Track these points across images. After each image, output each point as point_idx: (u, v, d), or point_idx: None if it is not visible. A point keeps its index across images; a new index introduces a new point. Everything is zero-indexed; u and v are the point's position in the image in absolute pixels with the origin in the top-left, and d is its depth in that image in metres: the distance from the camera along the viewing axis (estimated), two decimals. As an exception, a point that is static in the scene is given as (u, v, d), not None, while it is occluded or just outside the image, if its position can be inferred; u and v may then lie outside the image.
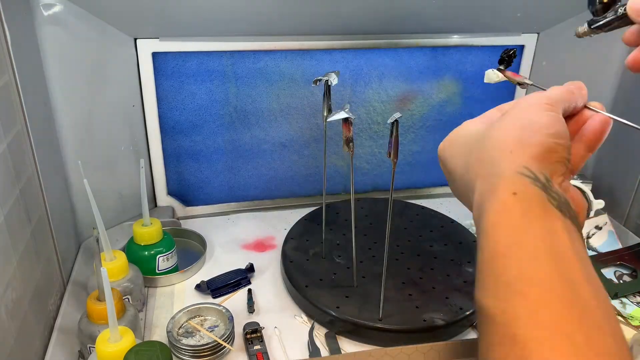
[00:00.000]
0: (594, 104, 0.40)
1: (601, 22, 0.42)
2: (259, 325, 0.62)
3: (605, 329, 0.28)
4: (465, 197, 0.40)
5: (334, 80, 0.62)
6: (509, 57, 0.48)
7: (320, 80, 0.63)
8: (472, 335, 0.64)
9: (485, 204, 0.34)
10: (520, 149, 0.35)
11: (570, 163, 0.36)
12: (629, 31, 0.39)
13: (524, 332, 0.28)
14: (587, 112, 0.40)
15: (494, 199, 0.34)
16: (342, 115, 0.58)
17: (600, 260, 0.77)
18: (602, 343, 0.28)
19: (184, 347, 0.57)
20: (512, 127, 0.36)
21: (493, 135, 0.37)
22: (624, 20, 0.38)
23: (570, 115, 0.40)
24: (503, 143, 0.36)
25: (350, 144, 0.60)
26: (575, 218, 0.33)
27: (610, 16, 0.41)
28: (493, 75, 0.48)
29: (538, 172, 0.34)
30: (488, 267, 0.33)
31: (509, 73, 0.48)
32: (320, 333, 0.63)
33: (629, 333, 0.63)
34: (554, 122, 0.36)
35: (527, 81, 0.47)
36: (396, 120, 0.53)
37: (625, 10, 0.38)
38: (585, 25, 0.44)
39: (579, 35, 0.45)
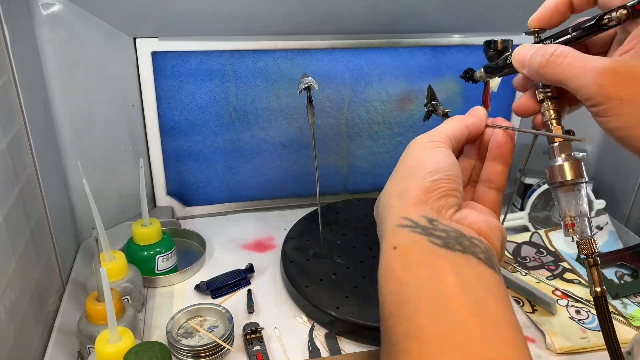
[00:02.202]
0: (494, 120, 0.42)
1: (493, 68, 0.45)
2: (258, 325, 0.62)
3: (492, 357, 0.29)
4: None
5: (315, 85, 0.63)
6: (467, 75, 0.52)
7: (306, 88, 0.63)
8: (472, 335, 0.64)
9: (378, 265, 0.35)
10: (398, 201, 0.36)
11: (463, 194, 0.38)
12: (516, 77, 0.42)
13: None
14: (489, 131, 0.42)
15: (380, 259, 0.35)
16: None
17: (601, 260, 0.77)
18: None
19: (183, 348, 0.57)
20: (395, 180, 0.38)
21: (382, 194, 0.39)
22: (513, 68, 0.40)
23: (475, 139, 0.43)
24: (387, 199, 0.37)
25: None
26: (472, 246, 0.34)
27: (501, 63, 0.43)
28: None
29: (418, 217, 0.34)
30: (383, 327, 0.33)
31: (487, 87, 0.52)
32: (320, 333, 0.63)
33: (629, 333, 0.63)
34: (434, 159, 0.37)
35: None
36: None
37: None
38: (482, 69, 0.47)
39: (475, 79, 0.49)
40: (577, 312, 0.67)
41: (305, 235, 0.77)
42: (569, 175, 0.38)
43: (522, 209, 0.86)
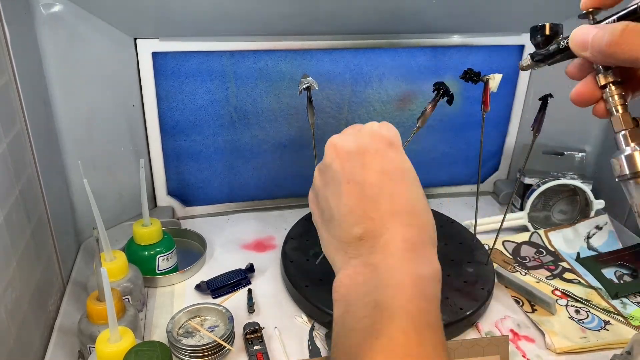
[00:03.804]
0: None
1: (544, 55, 0.42)
2: (259, 325, 0.62)
3: None
4: None
5: (315, 85, 0.63)
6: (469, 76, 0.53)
7: (306, 88, 0.63)
8: (472, 335, 0.64)
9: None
10: None
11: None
12: (572, 64, 0.39)
13: None
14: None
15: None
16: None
17: (601, 260, 0.77)
18: None
19: (184, 347, 0.57)
20: None
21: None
22: (567, 53, 0.38)
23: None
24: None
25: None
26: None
27: (552, 49, 0.40)
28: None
29: None
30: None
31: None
32: (320, 333, 0.63)
33: (629, 333, 0.63)
34: None
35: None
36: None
37: (567, 43, 0.37)
38: (529, 57, 0.44)
39: (522, 68, 0.46)
40: (577, 311, 0.68)
41: (305, 235, 0.77)
42: None
43: (521, 209, 0.86)
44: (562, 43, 0.39)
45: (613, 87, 0.36)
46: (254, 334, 0.61)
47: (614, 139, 0.36)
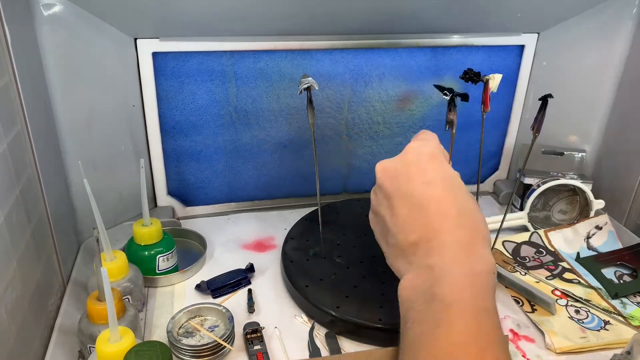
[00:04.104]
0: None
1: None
2: (259, 325, 0.62)
3: None
4: None
5: (315, 85, 0.63)
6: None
7: (306, 89, 0.63)
8: (472, 335, 0.64)
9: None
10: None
11: None
12: None
13: None
14: None
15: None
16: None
17: (601, 260, 0.77)
18: None
19: (184, 347, 0.57)
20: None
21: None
22: None
23: None
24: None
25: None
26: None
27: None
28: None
29: None
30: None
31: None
32: (320, 333, 0.63)
33: (629, 333, 0.64)
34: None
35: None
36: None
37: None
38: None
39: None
40: (577, 311, 0.68)
41: (305, 235, 0.77)
42: None
43: (521, 208, 0.86)
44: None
45: None
46: (254, 334, 0.61)
47: None
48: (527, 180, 0.88)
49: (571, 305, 0.69)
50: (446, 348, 0.35)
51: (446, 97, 0.60)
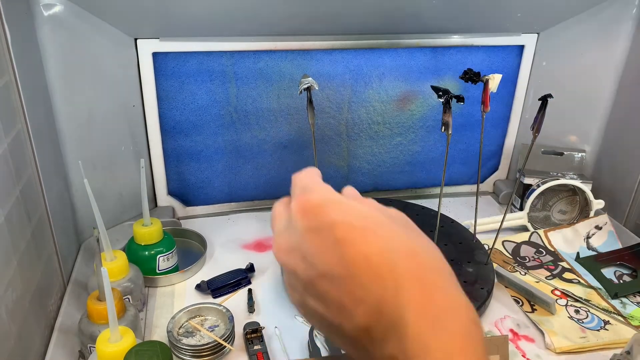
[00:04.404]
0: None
1: None
2: (259, 325, 0.62)
3: None
4: None
5: (316, 85, 0.63)
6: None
7: (306, 89, 0.63)
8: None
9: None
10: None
11: None
12: None
13: None
14: None
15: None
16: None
17: (600, 260, 0.77)
18: None
19: (184, 347, 0.57)
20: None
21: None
22: None
23: None
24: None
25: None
26: None
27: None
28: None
29: None
30: None
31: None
32: (320, 333, 0.63)
33: (628, 333, 0.64)
34: None
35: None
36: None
37: None
38: None
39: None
40: (577, 311, 0.68)
41: (305, 235, 0.77)
42: None
43: (521, 209, 0.86)
44: None
45: None
46: (254, 334, 0.61)
47: None
48: (527, 180, 0.88)
49: (571, 305, 0.69)
50: None
51: (440, 99, 0.60)
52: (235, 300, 0.68)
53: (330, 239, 0.30)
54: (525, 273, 0.75)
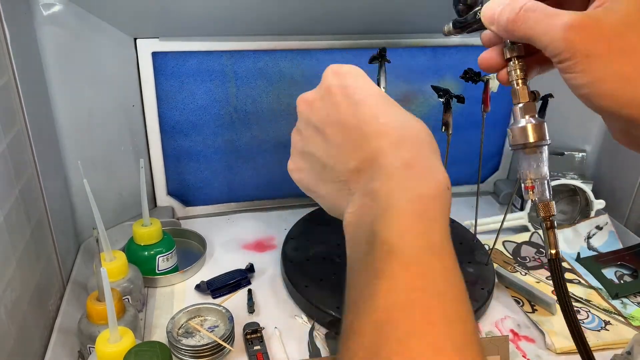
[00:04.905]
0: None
1: (462, 23, 0.44)
2: (259, 325, 0.62)
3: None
4: None
5: None
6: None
7: None
8: (472, 335, 0.64)
9: None
10: None
11: None
12: (485, 33, 0.40)
13: None
14: None
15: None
16: None
17: (601, 260, 0.77)
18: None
19: (184, 348, 0.57)
20: None
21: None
22: (482, 23, 0.39)
23: None
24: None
25: None
26: None
27: (470, 18, 0.42)
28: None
29: None
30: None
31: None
32: (320, 333, 0.63)
33: (629, 333, 0.63)
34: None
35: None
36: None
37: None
38: (450, 24, 0.46)
39: (445, 34, 0.48)
40: (577, 312, 0.67)
41: (305, 235, 0.77)
42: (531, 138, 0.37)
43: (521, 209, 0.86)
44: (478, 14, 0.40)
45: (516, 62, 0.38)
46: (254, 334, 0.61)
47: (512, 110, 0.39)
48: (528, 180, 0.88)
49: (571, 306, 0.69)
50: (384, 312, 0.29)
51: (440, 99, 0.60)
52: (235, 301, 0.68)
53: (353, 98, 0.38)
54: (526, 273, 0.75)
